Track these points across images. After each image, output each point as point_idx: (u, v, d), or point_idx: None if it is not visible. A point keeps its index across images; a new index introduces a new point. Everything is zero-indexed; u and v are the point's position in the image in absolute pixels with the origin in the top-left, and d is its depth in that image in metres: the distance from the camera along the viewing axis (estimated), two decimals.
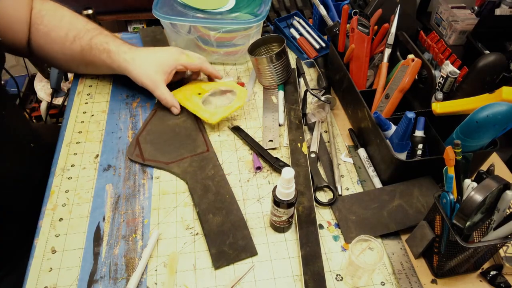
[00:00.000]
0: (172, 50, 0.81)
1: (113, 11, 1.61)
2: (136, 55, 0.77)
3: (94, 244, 0.61)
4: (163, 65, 0.78)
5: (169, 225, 0.64)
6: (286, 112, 0.82)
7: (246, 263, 0.60)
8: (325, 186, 0.70)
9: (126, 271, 0.58)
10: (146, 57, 0.78)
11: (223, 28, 0.86)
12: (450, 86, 0.70)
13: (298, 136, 0.76)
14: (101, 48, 0.77)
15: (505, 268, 0.59)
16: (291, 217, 0.61)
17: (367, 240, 0.55)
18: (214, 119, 0.76)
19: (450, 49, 0.77)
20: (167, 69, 0.78)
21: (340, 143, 0.78)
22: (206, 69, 0.82)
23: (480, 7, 1.74)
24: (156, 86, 0.77)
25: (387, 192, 0.67)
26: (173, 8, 0.88)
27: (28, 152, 0.76)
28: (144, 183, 0.70)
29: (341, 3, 0.89)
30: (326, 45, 0.95)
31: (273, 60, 0.83)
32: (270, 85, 0.88)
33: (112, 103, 0.84)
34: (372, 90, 0.78)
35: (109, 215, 0.65)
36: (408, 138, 0.66)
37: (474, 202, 0.48)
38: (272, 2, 1.05)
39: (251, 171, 0.73)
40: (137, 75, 0.77)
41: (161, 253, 0.61)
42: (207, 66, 0.82)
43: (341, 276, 0.59)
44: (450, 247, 0.54)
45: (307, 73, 0.94)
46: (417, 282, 0.58)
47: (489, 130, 0.59)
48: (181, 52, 0.81)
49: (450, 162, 0.53)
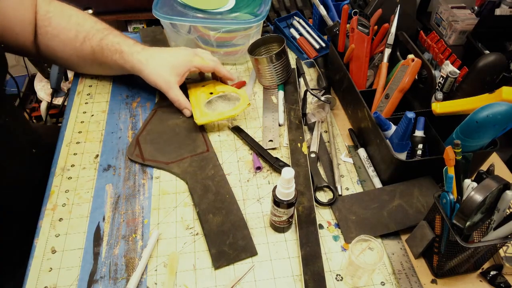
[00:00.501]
0: (185, 51, 0.81)
1: (113, 11, 1.61)
2: (150, 55, 0.77)
3: (94, 244, 0.61)
4: (177, 67, 0.77)
5: (169, 225, 0.64)
6: (286, 112, 0.82)
7: (246, 263, 0.60)
8: (325, 186, 0.70)
9: (126, 271, 0.58)
10: (160, 58, 0.78)
11: (223, 28, 0.86)
12: (450, 86, 0.70)
13: (298, 136, 0.76)
14: (112, 49, 0.77)
15: (505, 268, 0.59)
16: (291, 217, 0.61)
17: (367, 240, 0.55)
18: (201, 120, 0.76)
19: (450, 49, 0.77)
20: (180, 71, 0.78)
21: (340, 143, 0.78)
22: (220, 71, 0.82)
23: (480, 7, 1.74)
24: (170, 88, 0.77)
25: (387, 192, 0.67)
26: (173, 8, 0.88)
27: (28, 152, 0.76)
28: (144, 183, 0.70)
29: (341, 3, 0.89)
30: (326, 45, 0.95)
31: (273, 60, 0.83)
32: (270, 85, 0.88)
33: (112, 103, 0.84)
34: (372, 90, 0.78)
35: (109, 215, 0.65)
36: (408, 138, 0.66)
37: (474, 202, 0.48)
38: (272, 2, 1.05)
39: (251, 171, 0.73)
40: (151, 76, 0.77)
41: (161, 253, 0.61)
42: (220, 68, 0.82)
43: (341, 276, 0.59)
44: (450, 247, 0.54)
45: (307, 73, 0.94)
46: (417, 282, 0.58)
47: (489, 130, 0.59)
48: (195, 54, 0.81)
49: (450, 162, 0.53)
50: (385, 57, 0.78)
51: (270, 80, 0.86)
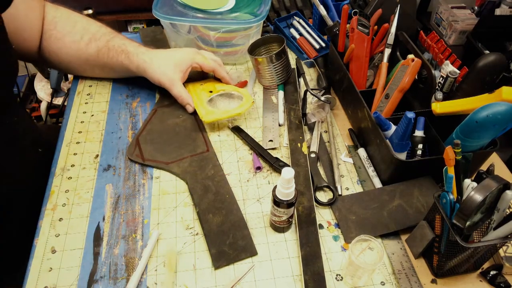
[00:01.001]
0: (188, 50, 0.83)
1: (113, 11, 1.61)
2: (154, 55, 0.79)
3: (94, 244, 0.61)
4: (179, 64, 0.79)
5: (169, 225, 0.64)
6: (286, 112, 0.82)
7: (246, 263, 0.60)
8: (325, 186, 0.70)
9: (126, 271, 0.58)
10: (164, 57, 0.80)
11: (223, 28, 0.86)
12: (450, 86, 0.70)
13: (298, 136, 0.76)
14: (119, 50, 0.79)
15: (505, 268, 0.59)
16: (291, 217, 0.61)
17: (367, 240, 0.55)
18: (208, 118, 0.76)
19: (450, 49, 0.77)
20: (183, 68, 0.80)
21: (340, 143, 0.78)
22: (219, 72, 0.83)
23: (480, 7, 1.74)
24: (173, 84, 0.79)
25: (387, 192, 0.67)
26: (173, 8, 0.88)
27: (31, 151, 0.76)
28: (144, 183, 0.70)
29: (341, 3, 0.89)
30: (326, 45, 0.95)
31: (273, 60, 0.83)
32: (270, 85, 0.88)
33: (112, 103, 0.84)
34: (372, 90, 0.78)
35: (109, 215, 0.65)
36: (408, 138, 0.66)
37: (474, 202, 0.48)
38: (272, 2, 1.05)
39: (251, 171, 0.73)
40: (155, 75, 0.78)
41: (161, 253, 0.61)
42: (220, 69, 0.83)
43: (341, 276, 0.59)
44: (450, 247, 0.54)
45: (307, 73, 0.94)
46: (417, 282, 0.58)
47: (489, 130, 0.59)
48: (197, 52, 0.83)
49: (450, 162, 0.53)
50: (385, 57, 0.78)
51: (270, 80, 0.86)
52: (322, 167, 0.74)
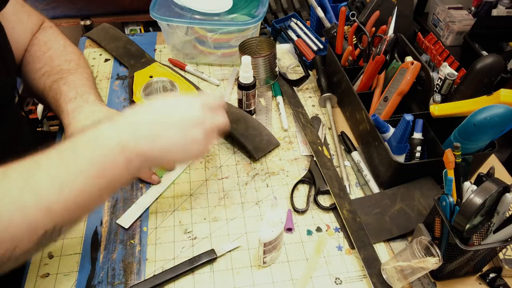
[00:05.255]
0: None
1: (110, 13, 1.60)
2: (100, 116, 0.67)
3: (92, 249, 0.61)
4: None
5: (167, 230, 0.64)
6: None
7: (246, 265, 0.60)
8: (327, 190, 0.69)
9: (124, 276, 0.58)
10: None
11: (221, 30, 0.86)
12: (448, 88, 0.69)
13: (315, 140, 0.76)
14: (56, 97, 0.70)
15: (504, 270, 0.59)
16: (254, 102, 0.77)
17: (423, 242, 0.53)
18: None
19: (448, 51, 0.77)
20: None
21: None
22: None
23: (477, 7, 1.74)
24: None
25: (388, 196, 0.67)
26: (170, 10, 0.87)
27: (27, 155, 0.75)
28: (141, 186, 0.69)
29: (339, 5, 0.89)
30: (324, 47, 0.94)
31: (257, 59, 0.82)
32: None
33: (109, 106, 0.83)
34: (370, 92, 0.77)
35: (107, 219, 0.65)
36: (406, 141, 0.66)
37: (473, 204, 0.48)
38: (269, 4, 1.05)
39: (249, 174, 0.72)
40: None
41: (159, 257, 0.60)
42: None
43: (340, 279, 0.58)
44: (449, 250, 0.54)
45: None
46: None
47: (487, 132, 0.59)
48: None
49: (450, 164, 0.53)
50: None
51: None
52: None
